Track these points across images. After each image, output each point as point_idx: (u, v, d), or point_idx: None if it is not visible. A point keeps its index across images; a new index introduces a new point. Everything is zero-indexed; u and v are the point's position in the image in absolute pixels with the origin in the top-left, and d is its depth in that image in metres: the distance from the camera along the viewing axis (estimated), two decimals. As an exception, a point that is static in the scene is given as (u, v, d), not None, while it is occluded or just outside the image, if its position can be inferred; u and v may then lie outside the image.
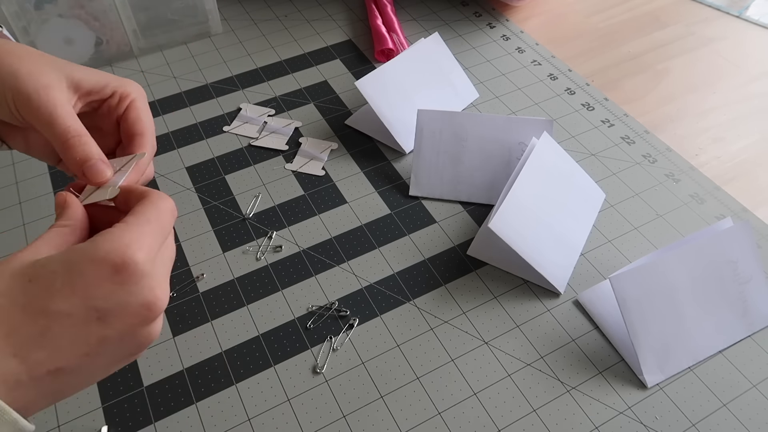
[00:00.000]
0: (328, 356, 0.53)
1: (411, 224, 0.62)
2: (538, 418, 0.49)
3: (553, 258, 0.56)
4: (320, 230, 0.62)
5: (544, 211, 0.57)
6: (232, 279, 0.58)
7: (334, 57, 0.82)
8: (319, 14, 0.89)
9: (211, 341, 0.54)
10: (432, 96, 0.71)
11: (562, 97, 0.76)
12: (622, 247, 0.60)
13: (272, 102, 0.75)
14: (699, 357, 0.52)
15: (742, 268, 0.53)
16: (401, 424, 0.49)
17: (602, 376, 0.51)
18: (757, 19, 0.87)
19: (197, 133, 0.72)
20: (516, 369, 0.52)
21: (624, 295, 0.50)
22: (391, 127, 0.67)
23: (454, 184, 0.64)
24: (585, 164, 0.68)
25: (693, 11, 0.89)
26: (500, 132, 0.63)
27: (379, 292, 0.57)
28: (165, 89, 0.77)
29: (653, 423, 0.49)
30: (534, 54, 0.82)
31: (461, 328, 0.54)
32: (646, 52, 0.82)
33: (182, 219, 0.63)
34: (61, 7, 0.73)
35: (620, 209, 0.63)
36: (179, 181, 0.67)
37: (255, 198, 0.65)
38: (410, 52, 0.71)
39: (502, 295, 0.57)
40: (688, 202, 0.64)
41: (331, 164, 0.68)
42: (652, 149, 0.69)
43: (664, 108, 0.75)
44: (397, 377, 0.51)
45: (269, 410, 0.49)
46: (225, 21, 0.87)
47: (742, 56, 0.81)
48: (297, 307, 0.56)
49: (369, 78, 0.67)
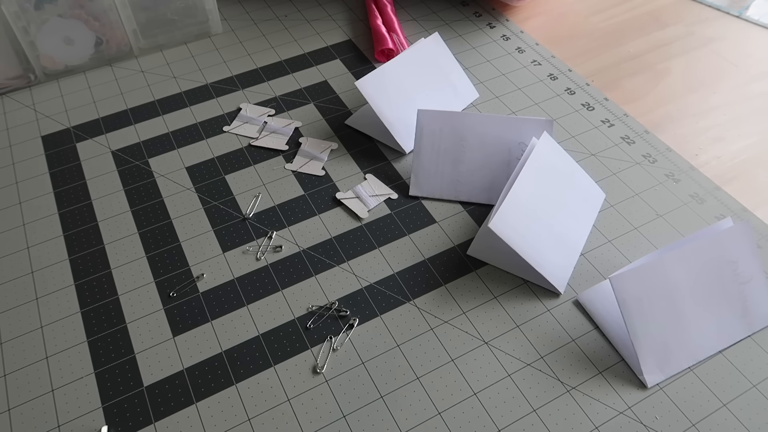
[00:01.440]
0: (328, 356, 0.53)
1: (411, 224, 0.62)
2: (538, 418, 0.49)
3: (553, 258, 0.56)
4: (320, 230, 0.62)
5: (544, 211, 0.57)
6: (232, 279, 0.58)
7: (334, 57, 0.82)
8: (319, 14, 0.89)
9: (211, 341, 0.54)
10: (432, 96, 0.71)
11: (562, 97, 0.76)
12: (622, 247, 0.60)
13: (272, 102, 0.75)
14: (699, 357, 0.52)
15: (742, 268, 0.53)
16: (401, 424, 0.49)
17: (602, 376, 0.51)
18: (757, 19, 0.87)
19: (197, 133, 0.72)
20: (516, 369, 0.52)
21: (624, 295, 0.50)
22: (391, 127, 0.67)
23: (454, 184, 0.64)
24: (585, 164, 0.68)
25: (693, 11, 0.89)
26: (500, 132, 0.63)
27: (379, 292, 0.57)
28: (165, 89, 0.77)
29: (653, 423, 0.49)
30: (534, 54, 0.82)
31: (461, 328, 0.54)
32: (646, 52, 0.82)
33: (182, 219, 0.63)
34: (61, 7, 0.73)
35: (620, 209, 0.63)
36: (179, 181, 0.67)
37: (255, 198, 0.65)
38: (410, 52, 0.71)
39: (502, 295, 0.57)
40: (688, 202, 0.64)
41: (331, 164, 0.68)
42: (652, 149, 0.69)
43: (664, 108, 0.75)
44: (397, 377, 0.51)
45: (269, 410, 0.49)
46: (225, 21, 0.87)
47: (742, 56, 0.81)
48: (297, 307, 0.56)
49: (369, 78, 0.67)
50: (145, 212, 0.64)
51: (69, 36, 0.75)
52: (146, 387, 0.51)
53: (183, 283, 0.58)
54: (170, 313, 0.56)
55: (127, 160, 0.69)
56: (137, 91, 0.77)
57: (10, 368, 0.52)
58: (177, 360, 0.52)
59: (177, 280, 0.58)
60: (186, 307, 0.56)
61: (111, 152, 0.70)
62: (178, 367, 0.52)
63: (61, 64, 0.78)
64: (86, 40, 0.77)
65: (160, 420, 0.49)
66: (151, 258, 0.60)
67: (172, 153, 0.70)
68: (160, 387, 0.51)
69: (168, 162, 0.69)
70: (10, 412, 0.50)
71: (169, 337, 0.54)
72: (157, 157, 0.69)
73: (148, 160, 0.69)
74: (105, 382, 0.51)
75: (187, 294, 0.57)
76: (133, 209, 0.64)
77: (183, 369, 0.52)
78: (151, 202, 0.65)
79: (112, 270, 0.59)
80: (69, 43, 0.76)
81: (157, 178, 0.67)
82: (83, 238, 0.61)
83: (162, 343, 0.53)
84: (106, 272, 0.59)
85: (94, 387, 0.51)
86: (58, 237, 0.62)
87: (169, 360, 0.52)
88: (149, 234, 0.62)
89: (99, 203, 0.65)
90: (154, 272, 0.59)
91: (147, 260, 0.59)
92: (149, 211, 0.64)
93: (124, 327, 0.55)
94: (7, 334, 0.54)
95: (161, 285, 0.58)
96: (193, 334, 0.54)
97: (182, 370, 0.52)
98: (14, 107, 0.75)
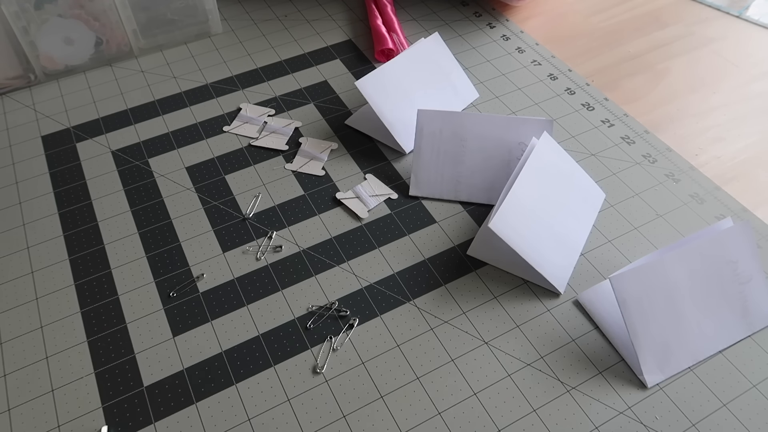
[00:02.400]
0: (328, 356, 0.53)
1: (411, 224, 0.62)
2: (538, 418, 0.49)
3: (553, 258, 0.56)
4: (320, 230, 0.62)
5: (544, 211, 0.57)
6: (232, 279, 0.58)
7: (334, 57, 0.82)
8: (319, 14, 0.89)
9: (211, 341, 0.54)
10: (432, 96, 0.71)
11: (562, 97, 0.76)
12: (622, 247, 0.60)
13: (272, 102, 0.75)
14: (699, 357, 0.52)
15: (742, 268, 0.53)
16: (401, 424, 0.49)
17: (602, 376, 0.51)
18: (757, 19, 0.87)
19: (197, 133, 0.72)
20: (516, 369, 0.52)
21: (624, 295, 0.50)
22: (391, 127, 0.67)
23: (454, 184, 0.64)
24: (585, 164, 0.68)
25: (693, 11, 0.89)
26: (500, 132, 0.63)
27: (379, 292, 0.57)
28: (165, 89, 0.77)
29: (653, 423, 0.49)
30: (534, 54, 0.82)
31: (461, 328, 0.54)
32: (646, 52, 0.82)
33: (182, 219, 0.63)
34: (61, 7, 0.73)
35: (620, 209, 0.63)
36: (179, 181, 0.67)
37: (255, 198, 0.65)
38: (410, 52, 0.71)
39: (502, 295, 0.57)
40: (688, 202, 0.64)
41: (331, 164, 0.68)
42: (652, 149, 0.69)
43: (664, 108, 0.75)
44: (397, 377, 0.51)
45: (269, 410, 0.49)
46: (225, 21, 0.87)
47: (742, 56, 0.81)
48: (297, 307, 0.56)
49: (369, 78, 0.67)
50: (145, 212, 0.64)
51: (69, 36, 0.75)
52: (146, 387, 0.51)
53: (183, 283, 0.58)
54: (170, 313, 0.56)
55: (127, 160, 0.69)
56: (137, 91, 0.77)
57: (10, 368, 0.52)
58: (177, 360, 0.52)
59: (177, 280, 0.58)
60: (186, 307, 0.56)
61: (111, 152, 0.70)
62: (178, 367, 0.52)
63: (61, 64, 0.77)
64: (86, 40, 0.77)
65: (160, 420, 0.49)
66: (151, 258, 0.60)
67: (172, 153, 0.70)
68: (160, 387, 0.51)
69: (168, 162, 0.69)
70: (10, 412, 0.50)
71: (169, 337, 0.54)
72: (157, 157, 0.69)
73: (148, 160, 0.69)
74: (105, 382, 0.51)
75: (187, 294, 0.57)
76: (133, 209, 0.64)
77: (183, 369, 0.52)
78: (151, 202, 0.65)
79: (112, 270, 0.59)
80: (69, 43, 0.76)
81: (157, 178, 0.67)
82: (83, 238, 0.61)
83: (162, 343, 0.53)
84: (106, 272, 0.59)
85: (94, 387, 0.51)
86: (58, 237, 0.62)
87: (169, 360, 0.52)
88: (149, 234, 0.62)
89: (99, 203, 0.65)
90: (154, 272, 0.59)
91: (147, 260, 0.59)
92: (149, 211, 0.64)
93: (124, 327, 0.55)
94: (7, 334, 0.54)
95: (161, 285, 0.58)
96: (193, 334, 0.54)
97: (182, 370, 0.52)
98: (14, 107, 0.75)
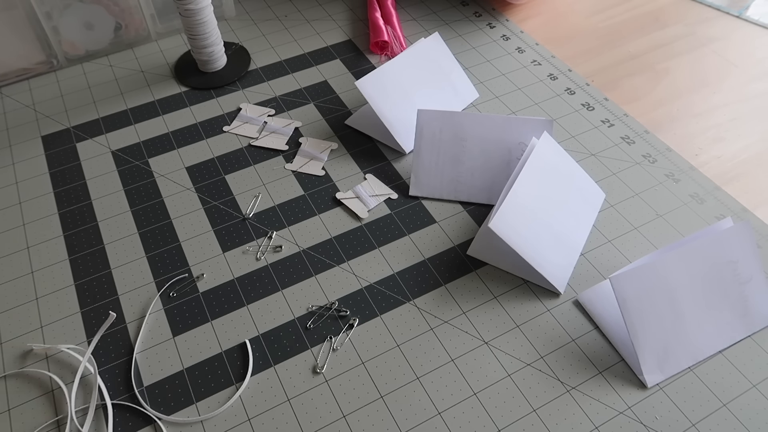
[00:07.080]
0: (328, 356, 0.53)
1: (411, 224, 0.62)
2: (538, 418, 0.49)
3: (553, 258, 0.56)
4: (320, 230, 0.62)
5: (544, 211, 0.57)
6: (232, 279, 0.58)
7: (334, 57, 0.82)
8: (319, 14, 0.89)
9: (211, 341, 0.54)
10: (432, 96, 0.71)
11: (562, 97, 0.76)
12: (622, 247, 0.60)
13: (272, 102, 0.75)
14: (699, 357, 0.52)
15: (742, 268, 0.53)
16: (401, 424, 0.49)
17: (602, 376, 0.51)
18: (757, 19, 0.87)
19: (197, 133, 0.72)
20: (516, 369, 0.52)
21: (624, 295, 0.50)
22: (391, 127, 0.67)
23: (454, 184, 0.64)
24: (585, 164, 0.68)
25: (693, 11, 0.89)
26: (500, 132, 0.63)
27: (379, 292, 0.57)
28: (165, 89, 0.77)
29: (653, 423, 0.49)
30: (534, 54, 0.82)
31: (461, 328, 0.54)
32: (646, 52, 0.82)
33: (182, 219, 0.63)
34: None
35: (620, 209, 0.63)
36: (179, 181, 0.67)
37: (255, 198, 0.65)
38: (410, 52, 0.71)
39: (502, 295, 0.57)
40: (688, 202, 0.64)
41: (331, 164, 0.68)
42: (652, 149, 0.69)
43: (664, 108, 0.75)
44: (397, 377, 0.51)
45: (269, 410, 0.49)
46: (225, 21, 0.87)
47: (742, 56, 0.81)
48: (297, 307, 0.56)
49: (369, 78, 0.67)
50: (145, 212, 0.64)
51: (89, 21, 0.77)
52: (146, 387, 0.51)
53: (183, 283, 0.58)
54: (170, 313, 0.56)
55: (127, 160, 0.69)
56: (137, 91, 0.77)
57: (10, 368, 0.52)
58: (177, 360, 0.52)
59: (177, 280, 0.58)
60: (186, 307, 0.56)
61: (111, 152, 0.70)
62: (178, 367, 0.52)
63: (81, 49, 0.79)
64: (106, 25, 0.78)
65: (160, 420, 0.49)
66: (151, 258, 0.60)
67: (172, 153, 0.70)
68: (160, 387, 0.51)
69: (168, 162, 0.69)
70: (10, 412, 0.50)
71: (169, 337, 0.54)
72: (157, 157, 0.69)
73: (148, 160, 0.69)
74: (105, 383, 0.51)
75: (187, 294, 0.57)
76: (133, 209, 0.64)
77: (183, 369, 0.52)
78: (151, 202, 0.65)
79: (112, 270, 0.59)
80: (89, 28, 0.77)
81: (157, 178, 0.67)
82: (83, 238, 0.61)
83: (162, 343, 0.53)
84: (106, 272, 0.59)
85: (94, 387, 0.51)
86: (58, 237, 0.62)
87: (169, 360, 0.52)
88: (149, 234, 0.62)
89: (99, 203, 0.65)
90: (154, 272, 0.59)
91: (147, 260, 0.59)
92: (149, 211, 0.64)
93: (124, 327, 0.55)
94: (7, 334, 0.54)
95: (161, 285, 0.58)
96: (193, 334, 0.54)
97: (182, 370, 0.52)
98: (14, 107, 0.75)
